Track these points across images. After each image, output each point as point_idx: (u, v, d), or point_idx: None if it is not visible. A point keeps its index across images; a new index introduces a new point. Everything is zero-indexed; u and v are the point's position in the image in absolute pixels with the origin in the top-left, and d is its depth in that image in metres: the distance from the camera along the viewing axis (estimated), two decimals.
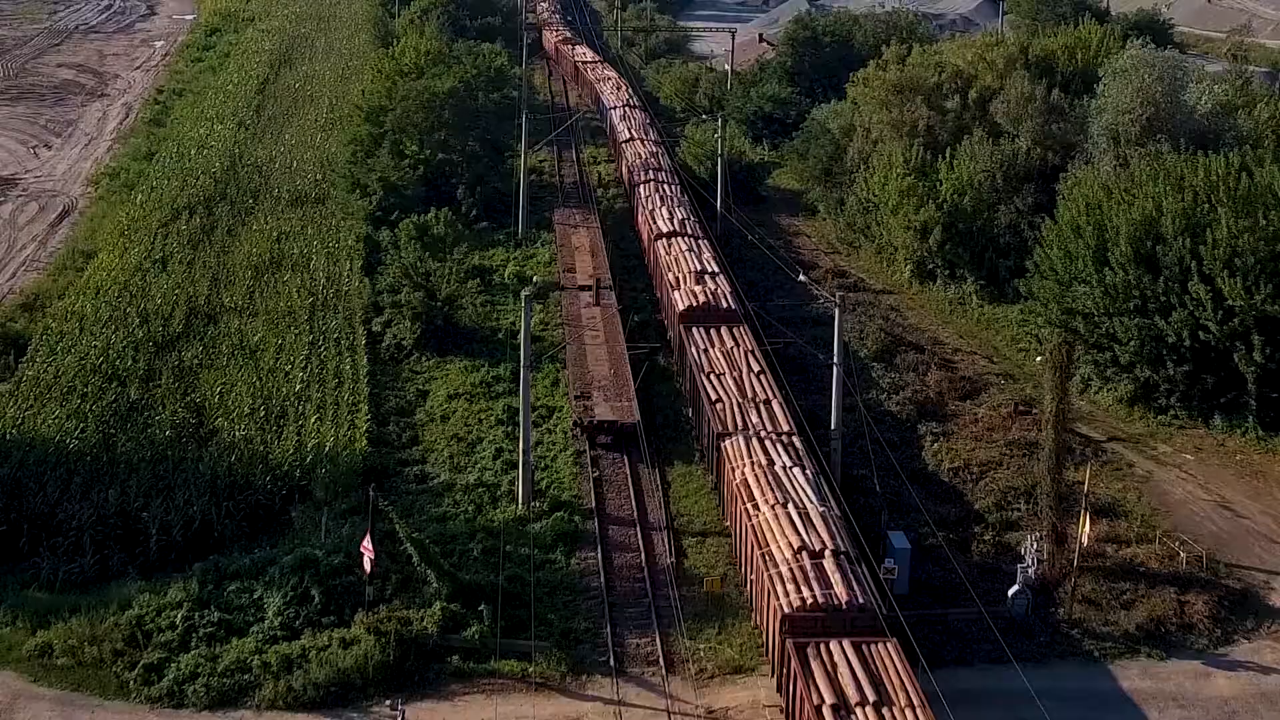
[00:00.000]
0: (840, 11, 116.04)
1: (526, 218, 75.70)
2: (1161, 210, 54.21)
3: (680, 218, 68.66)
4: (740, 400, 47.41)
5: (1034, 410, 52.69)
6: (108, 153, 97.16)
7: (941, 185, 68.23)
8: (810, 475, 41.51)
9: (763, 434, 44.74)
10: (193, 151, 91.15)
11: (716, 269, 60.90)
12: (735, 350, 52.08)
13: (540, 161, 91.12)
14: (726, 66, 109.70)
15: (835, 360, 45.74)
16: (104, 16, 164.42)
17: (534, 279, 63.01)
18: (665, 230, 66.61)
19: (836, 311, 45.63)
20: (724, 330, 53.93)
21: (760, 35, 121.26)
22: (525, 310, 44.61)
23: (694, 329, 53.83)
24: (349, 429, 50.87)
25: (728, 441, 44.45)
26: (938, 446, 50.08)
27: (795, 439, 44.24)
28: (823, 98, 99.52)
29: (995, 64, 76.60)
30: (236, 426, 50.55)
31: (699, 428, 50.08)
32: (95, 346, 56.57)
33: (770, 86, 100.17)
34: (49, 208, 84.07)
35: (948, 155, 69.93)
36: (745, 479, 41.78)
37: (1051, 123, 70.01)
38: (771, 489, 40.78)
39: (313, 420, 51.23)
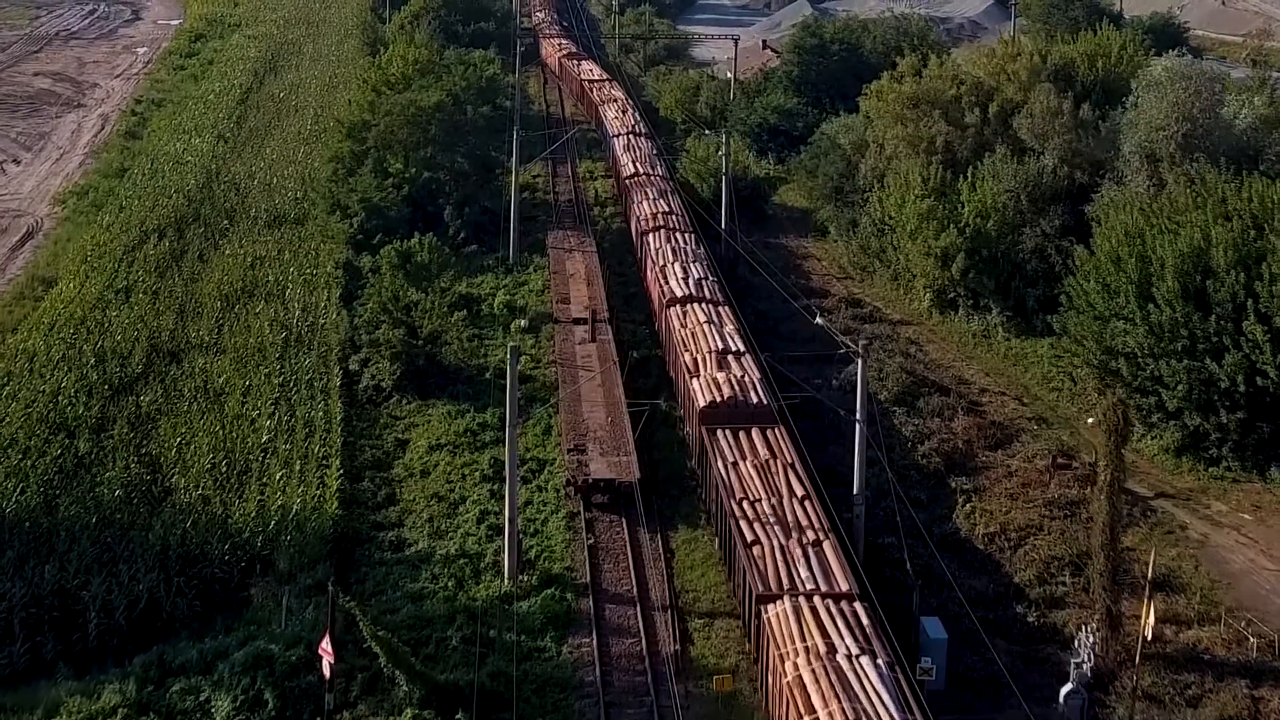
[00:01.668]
0: (849, 18, 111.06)
1: (518, 241, 70.82)
2: (1210, 240, 49.48)
3: (697, 277, 58.83)
4: (783, 542, 37.93)
5: (1074, 463, 47.93)
6: (79, 168, 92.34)
7: (963, 208, 63.39)
8: (885, 670, 32.08)
9: (816, 597, 35.07)
10: (167, 167, 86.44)
11: (742, 346, 51.21)
12: (772, 464, 42.41)
13: (534, 177, 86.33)
14: (729, 74, 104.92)
15: (859, 416, 40.88)
16: (87, 22, 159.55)
17: (525, 317, 58.44)
18: (679, 294, 56.76)
19: (859, 363, 40.76)
20: (755, 434, 44.37)
21: (764, 42, 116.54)
22: (511, 363, 39.67)
23: (719, 433, 44.38)
24: (318, 487, 46.02)
25: (772, 611, 34.77)
26: (970, 507, 45.20)
27: (858, 605, 34.98)
28: (830, 108, 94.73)
29: (1018, 76, 71.77)
30: (194, 485, 45.71)
31: (731, 577, 40.45)
32: (44, 391, 51.70)
33: (775, 97, 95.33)
34: (11, 229, 79.20)
35: (969, 174, 65.12)
36: (800, 678, 31.98)
37: (1080, 139, 65.25)
38: (837, 696, 30.80)
39: (279, 477, 46.36)
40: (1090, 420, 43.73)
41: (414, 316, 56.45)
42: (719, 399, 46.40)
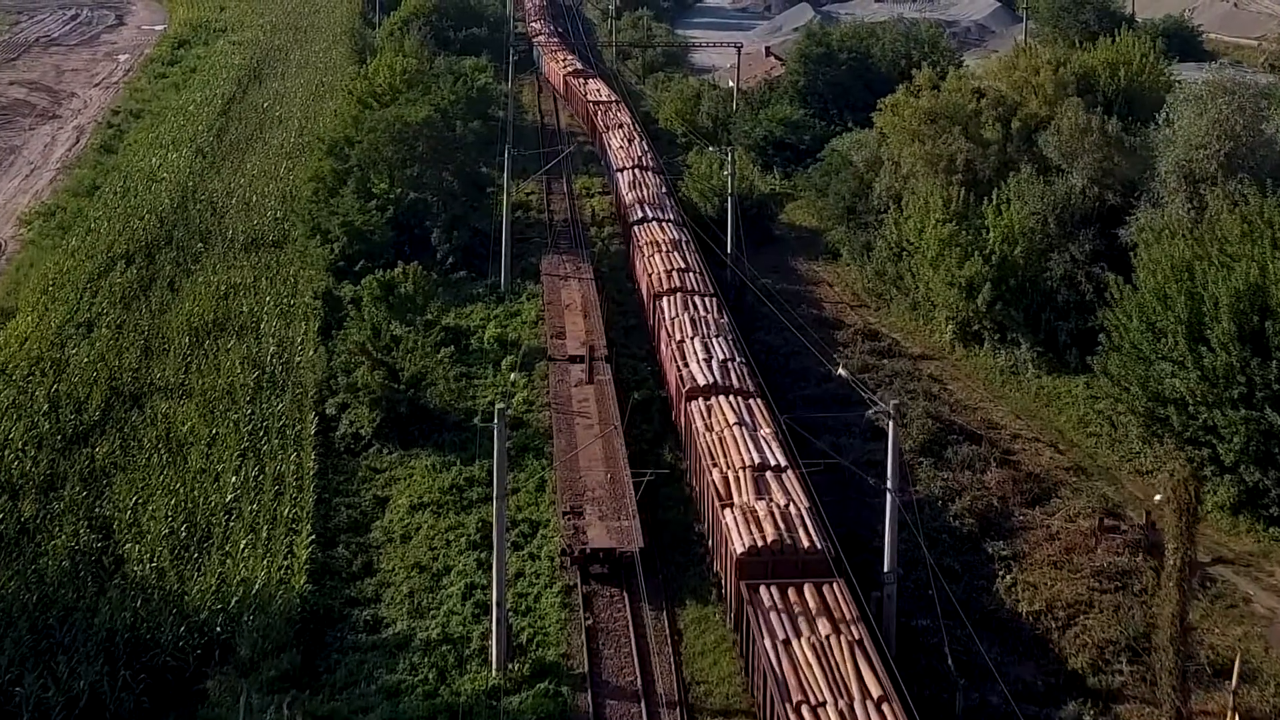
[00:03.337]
0: (856, 24, 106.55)
1: (510, 268, 66.27)
2: (1269, 275, 45.05)
3: (721, 358, 49.34)
4: None
5: (1122, 524, 43.45)
6: (49, 185, 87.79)
7: (988, 233, 58.90)
8: None
9: None
10: (140, 185, 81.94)
11: (782, 458, 41.82)
12: (835, 643, 33.09)
13: (528, 195, 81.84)
14: (730, 83, 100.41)
15: (890, 485, 36.41)
16: (68, 28, 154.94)
17: (517, 354, 53.88)
18: (702, 383, 47.37)
19: (890, 425, 36.27)
20: (809, 593, 35.09)
21: (767, 49, 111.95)
22: (499, 437, 35.02)
23: (762, 591, 35.21)
24: (287, 557, 41.51)
25: None
26: (1010, 578, 40.68)
27: None
28: (838, 120, 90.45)
29: (1042, 89, 67.33)
30: (148, 554, 41.22)
31: None
32: None
33: (781, 108, 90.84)
34: None
35: (993, 196, 60.64)
36: None
37: (1111, 158, 60.81)
38: None
39: (243, 545, 41.84)
40: (1157, 497, 39.30)
41: (396, 356, 51.95)
42: (760, 542, 37.01)
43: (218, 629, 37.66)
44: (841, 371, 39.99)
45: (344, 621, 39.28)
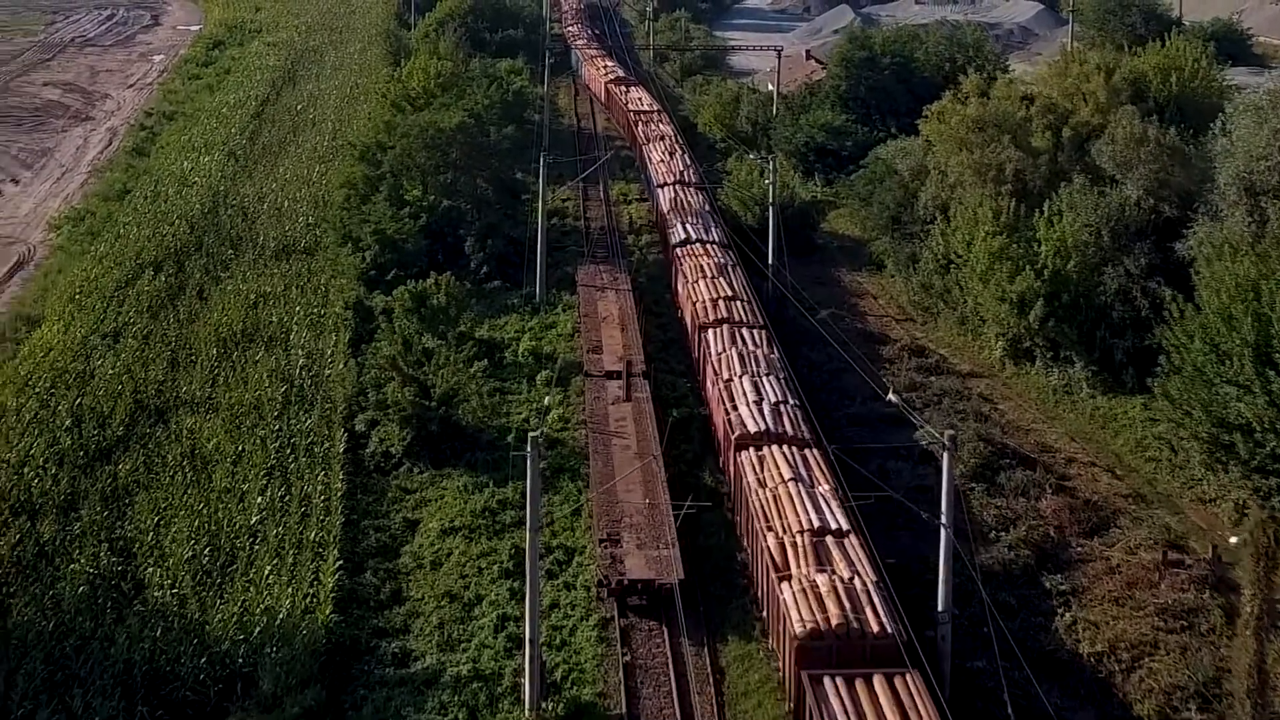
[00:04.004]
0: (899, 28, 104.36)
1: (545, 278, 64.59)
2: None
3: (774, 400, 45.28)
4: None
5: (1186, 558, 41.37)
6: (80, 189, 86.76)
7: (1039, 246, 56.82)
8: None
9: None
10: (171, 190, 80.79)
11: (845, 522, 37.74)
12: None
13: (564, 201, 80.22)
14: (770, 86, 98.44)
15: (944, 519, 34.52)
16: (103, 28, 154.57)
17: (552, 373, 52.22)
18: (752, 429, 43.34)
19: (945, 457, 34.37)
20: (880, 688, 31.27)
21: (808, 52, 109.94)
22: (532, 468, 33.30)
23: (826, 684, 31.48)
24: (313, 584, 39.92)
25: None
26: (1070, 616, 38.66)
27: None
28: (880, 125, 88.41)
29: (1094, 96, 65.16)
30: (170, 580, 39.73)
31: None
32: (8, 462, 45.85)
33: (823, 113, 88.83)
34: (1, 258, 73.60)
35: (1043, 208, 58.55)
36: None
37: (1167, 168, 58.64)
38: None
39: (268, 570, 40.29)
40: (1234, 540, 37.28)
41: (427, 371, 50.35)
42: (823, 625, 33.25)
43: (239, 661, 36.12)
44: (892, 397, 38.04)
45: (371, 654, 37.64)
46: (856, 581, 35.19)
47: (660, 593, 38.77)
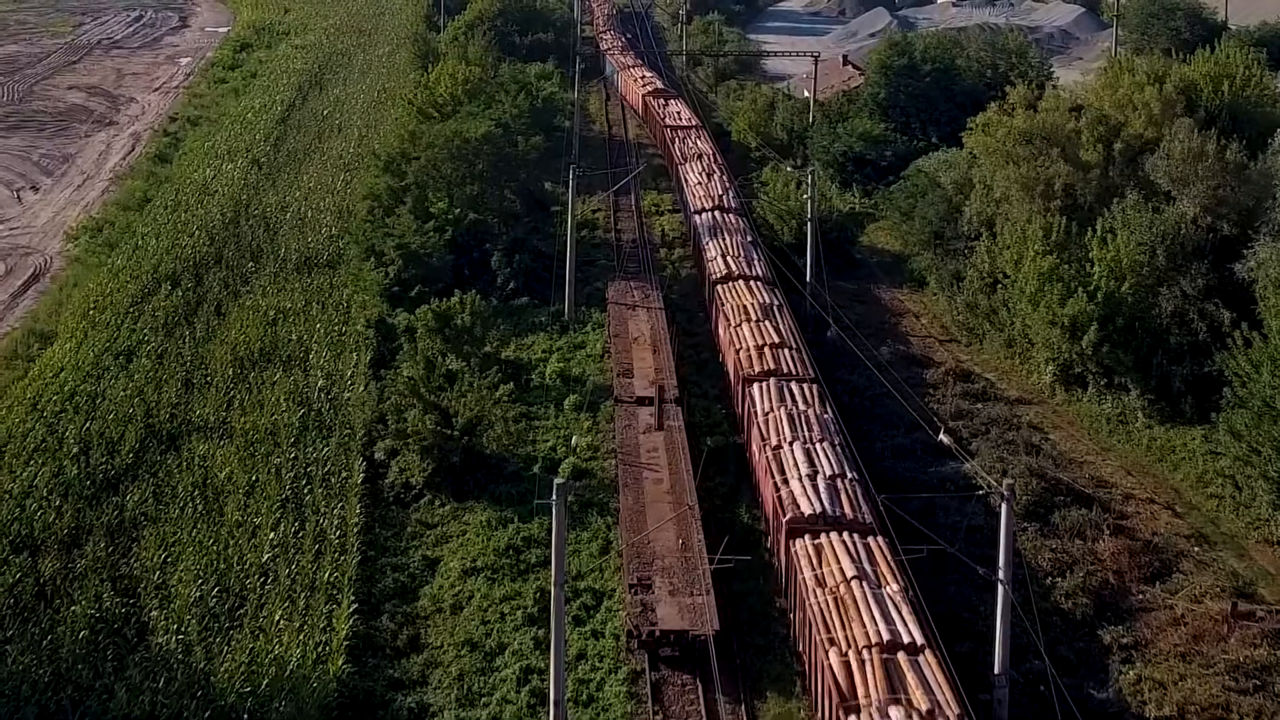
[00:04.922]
0: (940, 34, 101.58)
1: (574, 295, 62.26)
2: None
3: (829, 473, 40.64)
4: None
5: (1258, 610, 38.68)
6: (100, 197, 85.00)
7: (1092, 266, 54.15)
8: None
9: None
10: (192, 199, 78.91)
11: (919, 633, 32.55)
12: None
13: (594, 212, 77.91)
14: (806, 93, 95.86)
15: (1002, 576, 32.00)
16: (130, 30, 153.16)
17: (583, 398, 49.89)
18: (807, 511, 38.49)
19: (1004, 508, 31.84)
20: None
21: (844, 58, 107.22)
22: (557, 519, 30.94)
23: None
24: (325, 630, 37.70)
25: None
26: (1134, 674, 36.05)
27: None
28: (920, 134, 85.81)
29: (1148, 108, 62.30)
30: (175, 624, 37.58)
31: None
32: (11, 493, 43.82)
33: (860, 121, 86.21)
34: (18, 269, 71.90)
35: (1095, 224, 55.87)
36: None
37: (1227, 185, 55.87)
38: None
39: (278, 615, 38.09)
40: None
41: (450, 396, 48.11)
42: None
43: (245, 717, 33.89)
44: (944, 439, 35.55)
45: (385, 708, 35.37)
46: (938, 716, 29.62)
47: (695, 644, 36.37)
